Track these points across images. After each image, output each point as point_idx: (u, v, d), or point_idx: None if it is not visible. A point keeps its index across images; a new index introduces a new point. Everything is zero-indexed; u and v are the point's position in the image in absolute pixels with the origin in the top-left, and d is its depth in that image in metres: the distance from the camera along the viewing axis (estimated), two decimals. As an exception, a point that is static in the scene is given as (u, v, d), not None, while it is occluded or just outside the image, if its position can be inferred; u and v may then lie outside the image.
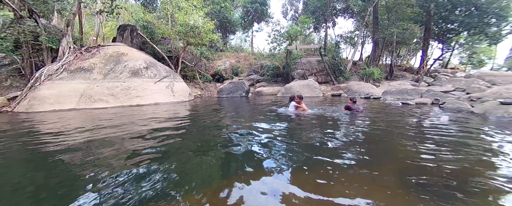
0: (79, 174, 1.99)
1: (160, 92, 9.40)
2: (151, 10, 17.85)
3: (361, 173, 1.93)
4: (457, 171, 1.97)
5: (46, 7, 9.06)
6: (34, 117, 5.57)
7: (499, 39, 15.46)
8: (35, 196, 1.64)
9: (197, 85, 15.41)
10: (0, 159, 2.50)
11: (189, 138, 3.35)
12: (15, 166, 2.33)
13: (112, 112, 6.36)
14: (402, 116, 5.13)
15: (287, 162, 2.20)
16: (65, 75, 7.79)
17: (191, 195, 1.60)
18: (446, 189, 1.64)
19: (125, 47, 10.86)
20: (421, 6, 16.67)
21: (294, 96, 5.84)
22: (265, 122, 4.41)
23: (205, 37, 13.12)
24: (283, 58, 17.90)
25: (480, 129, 3.67)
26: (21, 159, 2.55)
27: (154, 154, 2.50)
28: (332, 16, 22.03)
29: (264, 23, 26.90)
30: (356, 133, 3.60)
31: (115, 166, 2.17)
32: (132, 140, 3.17)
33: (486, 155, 2.38)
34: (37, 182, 1.92)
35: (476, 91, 7.86)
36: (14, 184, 1.86)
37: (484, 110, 5.03)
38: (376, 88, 13.60)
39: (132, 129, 3.96)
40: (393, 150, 2.62)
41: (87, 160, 2.35)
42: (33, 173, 2.13)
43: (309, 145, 2.76)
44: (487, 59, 28.51)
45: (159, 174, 1.95)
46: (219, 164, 2.22)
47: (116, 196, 1.59)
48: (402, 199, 1.54)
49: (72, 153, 2.58)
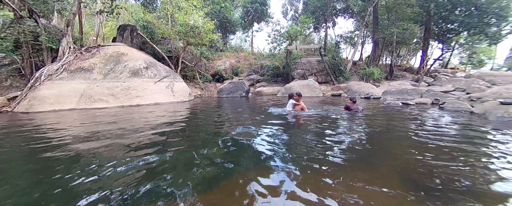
0: (79, 174, 1.98)
1: (160, 92, 9.40)
2: (151, 10, 17.85)
3: (360, 173, 1.93)
4: (457, 171, 1.97)
5: (46, 7, 9.06)
6: (34, 117, 5.57)
7: (499, 39, 15.47)
8: (36, 196, 1.64)
9: (197, 85, 15.42)
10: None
11: (189, 138, 3.35)
12: (15, 166, 2.33)
13: (112, 112, 6.36)
14: (402, 116, 5.13)
15: (287, 162, 2.20)
16: (65, 75, 7.79)
17: (191, 195, 1.60)
18: (446, 190, 1.64)
19: (125, 47, 10.87)
20: (421, 6, 16.67)
21: (292, 94, 5.80)
22: (265, 122, 4.41)
23: (205, 37, 13.12)
24: (283, 58, 17.90)
25: (480, 129, 3.67)
26: (21, 159, 2.55)
27: (154, 154, 2.50)
28: (332, 16, 22.03)
29: (264, 23, 26.90)
30: (356, 134, 3.60)
31: (115, 166, 2.17)
32: (132, 140, 3.17)
33: (486, 156, 2.38)
34: (37, 182, 1.91)
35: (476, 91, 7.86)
36: (13, 184, 1.85)
37: (484, 110, 5.03)
38: (376, 88, 13.60)
39: (132, 129, 3.96)
40: (393, 151, 2.62)
41: (87, 160, 2.35)
42: (33, 173, 2.13)
43: (308, 145, 2.76)
44: (487, 59, 28.53)
45: (159, 174, 1.95)
46: (219, 164, 2.22)
47: (116, 196, 1.59)
48: (402, 199, 1.54)
49: (72, 153, 2.58)
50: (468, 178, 1.81)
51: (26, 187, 1.81)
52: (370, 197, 1.53)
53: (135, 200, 1.54)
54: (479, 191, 1.62)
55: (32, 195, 1.66)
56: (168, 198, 1.57)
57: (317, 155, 2.37)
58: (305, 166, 2.09)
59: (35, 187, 1.80)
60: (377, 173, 1.94)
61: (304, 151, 2.53)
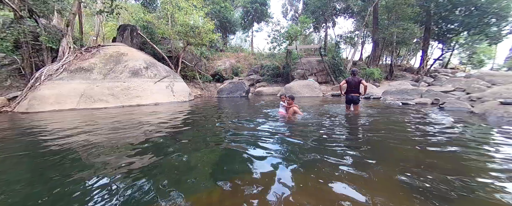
0: (79, 174, 1.98)
1: (160, 92, 9.40)
2: (151, 10, 17.84)
3: (360, 173, 1.93)
4: (457, 172, 1.97)
5: (46, 7, 9.06)
6: (34, 117, 5.57)
7: (499, 39, 15.44)
8: (35, 196, 1.64)
9: (197, 85, 15.41)
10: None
11: (189, 138, 3.35)
12: (14, 166, 2.32)
13: (112, 112, 6.35)
14: (402, 116, 5.13)
15: (286, 162, 2.20)
16: (65, 75, 7.79)
17: (191, 196, 1.60)
18: (446, 190, 1.64)
19: (125, 47, 10.87)
20: (421, 6, 16.65)
21: (292, 96, 5.09)
22: (265, 122, 4.41)
23: (205, 37, 13.12)
24: (283, 58, 17.89)
25: (480, 129, 3.66)
26: (20, 159, 2.54)
27: (154, 154, 2.50)
28: (332, 16, 22.01)
29: (264, 23, 26.88)
30: (355, 134, 3.60)
31: (115, 166, 2.17)
32: (132, 140, 3.17)
33: (486, 156, 2.38)
34: (37, 182, 1.91)
35: (476, 91, 7.85)
36: (13, 184, 1.85)
37: (484, 110, 5.02)
38: (376, 88, 13.59)
39: (132, 129, 3.96)
40: (393, 151, 2.62)
41: (86, 160, 2.35)
42: (33, 173, 2.13)
43: (308, 145, 2.76)
44: (487, 59, 28.52)
45: (159, 174, 1.95)
46: (219, 165, 2.22)
47: (116, 196, 1.59)
48: (402, 200, 1.53)
49: (72, 153, 2.57)
50: (468, 179, 1.81)
51: (25, 187, 1.81)
52: (370, 198, 1.53)
53: (136, 200, 1.54)
54: (479, 192, 1.62)
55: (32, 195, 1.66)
56: (169, 198, 1.57)
57: (316, 156, 2.37)
58: (304, 166, 2.09)
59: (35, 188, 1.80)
60: (376, 174, 1.94)
61: (304, 151, 2.52)
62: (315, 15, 21.16)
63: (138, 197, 1.57)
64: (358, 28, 23.13)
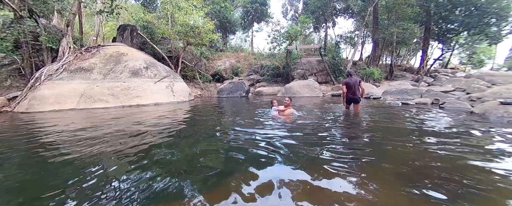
0: (79, 175, 1.99)
1: (160, 92, 9.40)
2: (151, 10, 17.84)
3: (360, 173, 1.93)
4: (457, 172, 1.97)
5: (46, 7, 9.06)
6: (34, 117, 5.57)
7: (499, 39, 15.43)
8: (35, 196, 1.64)
9: (197, 85, 15.41)
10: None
11: (189, 138, 3.35)
12: (14, 167, 2.32)
13: (112, 112, 6.35)
14: (402, 116, 5.13)
15: (286, 163, 2.20)
16: (65, 75, 7.79)
17: (191, 196, 1.60)
18: (446, 190, 1.64)
19: (125, 47, 10.86)
20: (421, 6, 16.64)
21: (290, 100, 4.99)
22: (265, 122, 4.41)
23: (205, 37, 13.11)
24: (283, 58, 17.88)
25: (480, 129, 3.66)
26: (20, 160, 2.54)
27: (154, 154, 2.50)
28: (332, 16, 22.00)
29: (264, 23, 26.87)
30: (355, 134, 3.60)
31: (115, 166, 2.17)
32: (132, 140, 3.17)
33: (486, 156, 2.38)
34: (37, 182, 1.91)
35: (476, 91, 7.85)
36: (12, 184, 1.85)
37: (484, 110, 5.02)
38: (376, 88, 13.59)
39: (132, 129, 3.96)
40: (393, 151, 2.62)
41: (87, 161, 2.35)
42: (33, 173, 2.13)
43: (308, 146, 2.76)
44: (487, 59, 28.51)
45: (159, 175, 1.95)
46: (219, 165, 2.22)
47: (116, 197, 1.59)
48: (402, 199, 1.54)
49: (71, 154, 2.57)
50: (468, 179, 1.81)
51: (25, 188, 1.81)
52: (370, 198, 1.53)
53: (136, 200, 1.54)
54: (479, 192, 1.62)
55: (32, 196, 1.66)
56: (169, 198, 1.57)
57: (316, 156, 2.37)
58: (304, 166, 2.09)
59: (35, 188, 1.80)
60: (376, 173, 1.94)
61: (303, 151, 2.52)
62: (315, 15, 21.16)
63: (138, 197, 1.57)
64: (358, 28, 23.12)
